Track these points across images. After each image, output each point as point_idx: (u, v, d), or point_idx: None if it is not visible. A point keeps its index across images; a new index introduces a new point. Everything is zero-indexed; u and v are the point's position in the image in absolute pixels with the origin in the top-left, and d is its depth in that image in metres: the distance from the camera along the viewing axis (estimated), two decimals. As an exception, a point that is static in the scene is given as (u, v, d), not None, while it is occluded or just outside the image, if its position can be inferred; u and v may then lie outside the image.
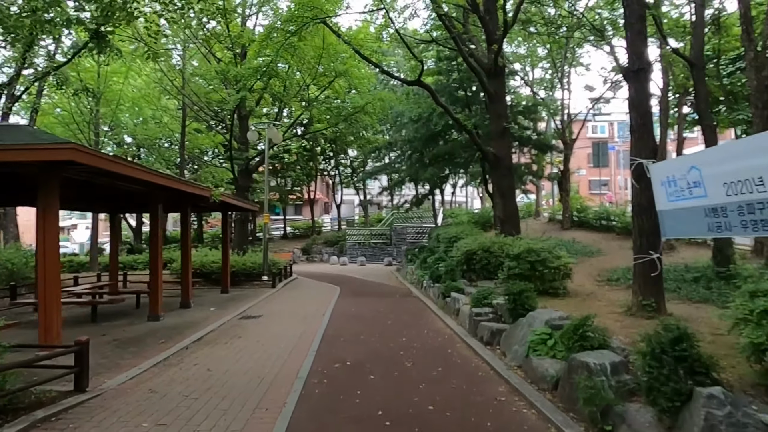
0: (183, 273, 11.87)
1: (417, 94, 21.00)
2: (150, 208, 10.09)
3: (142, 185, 9.13)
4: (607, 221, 20.47)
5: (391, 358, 6.83)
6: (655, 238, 7.09)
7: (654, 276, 7.00)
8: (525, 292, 7.13)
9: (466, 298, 9.70)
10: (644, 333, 3.95)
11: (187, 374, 6.03)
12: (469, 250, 12.18)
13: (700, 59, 10.02)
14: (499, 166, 13.46)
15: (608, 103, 28.87)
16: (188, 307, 11.68)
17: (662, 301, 7.07)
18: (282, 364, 6.51)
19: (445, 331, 8.81)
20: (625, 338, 5.72)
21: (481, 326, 7.70)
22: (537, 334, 5.90)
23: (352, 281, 19.03)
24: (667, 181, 6.52)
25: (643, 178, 7.07)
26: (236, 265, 17.29)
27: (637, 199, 7.19)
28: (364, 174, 32.03)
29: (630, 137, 7.41)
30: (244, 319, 10.47)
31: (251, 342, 8.02)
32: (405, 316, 10.43)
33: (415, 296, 13.87)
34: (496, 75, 13.41)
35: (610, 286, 10.69)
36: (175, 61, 22.74)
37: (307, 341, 7.98)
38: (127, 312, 11.25)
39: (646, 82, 7.23)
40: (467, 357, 6.89)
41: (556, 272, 9.43)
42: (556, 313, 6.52)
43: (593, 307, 8.00)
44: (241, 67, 17.57)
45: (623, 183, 43.46)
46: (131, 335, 8.53)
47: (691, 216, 6.10)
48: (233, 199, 13.31)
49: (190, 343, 7.96)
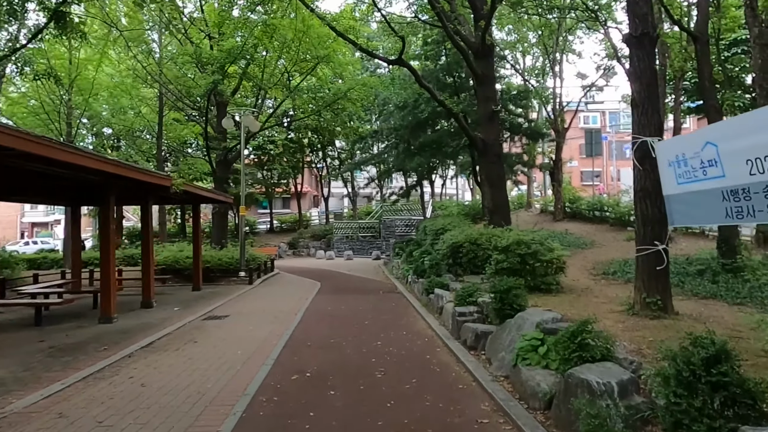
0: (143, 270, 10.88)
1: (403, 80, 20.04)
2: (101, 199, 9.08)
3: (92, 174, 8.14)
4: (600, 212, 19.82)
5: (360, 366, 5.93)
6: (660, 228, 6.24)
7: (659, 270, 6.15)
8: (513, 290, 6.25)
9: (451, 294, 8.84)
10: (666, 349, 3.06)
11: (114, 391, 5.09)
12: (455, 242, 11.32)
13: (704, 32, 9.17)
14: (488, 152, 12.57)
15: (601, 90, 28.23)
16: (150, 307, 10.71)
17: (669, 298, 6.22)
18: (232, 376, 5.59)
19: (426, 332, 7.93)
20: (631, 344, 4.86)
21: (464, 328, 6.83)
22: (527, 340, 5.03)
23: (336, 276, 18.13)
24: (677, 161, 5.65)
25: (647, 159, 6.20)
26: (211, 260, 16.32)
27: (641, 183, 6.32)
28: (350, 165, 31.01)
29: (631, 113, 6.53)
30: (209, 320, 9.53)
31: (207, 348, 7.09)
32: (385, 316, 9.55)
33: (399, 293, 12.99)
34: (484, 55, 12.49)
35: (607, 281, 9.88)
36: (153, 46, 21.59)
37: (270, 346, 7.07)
38: (82, 313, 10.27)
39: (650, 48, 6.34)
40: (447, 365, 6.01)
41: (548, 266, 8.58)
42: (549, 314, 5.65)
43: (590, 305, 7.15)
44: (215, 49, 16.51)
45: (615, 174, 42.84)
46: (72, 341, 7.57)
47: (706, 200, 5.24)
48: (199, 190, 12.28)
49: (136, 349, 7.02)
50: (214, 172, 20.59)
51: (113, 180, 8.77)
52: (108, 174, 8.13)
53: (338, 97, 19.58)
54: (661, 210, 6.18)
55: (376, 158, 27.14)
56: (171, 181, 10.03)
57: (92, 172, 7.83)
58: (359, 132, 26.14)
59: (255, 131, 18.97)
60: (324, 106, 20.63)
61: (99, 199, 9.04)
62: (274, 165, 34.43)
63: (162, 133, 24.75)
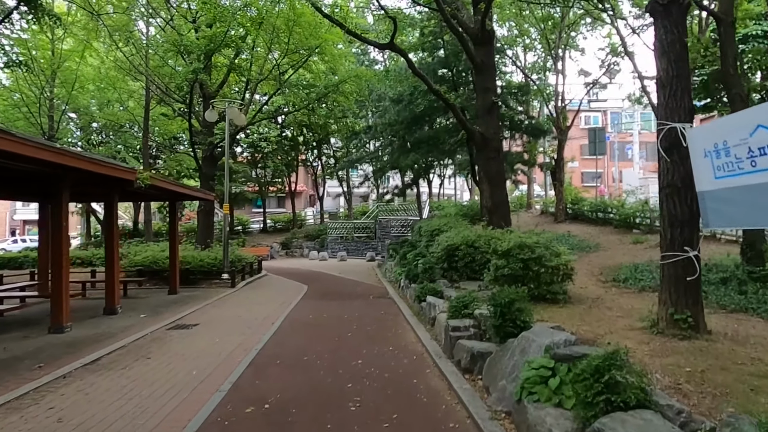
0: (107, 273, 9.87)
1: (398, 72, 19.06)
2: (53, 195, 8.07)
3: (34, 164, 7.14)
4: (603, 213, 18.90)
5: (332, 394, 4.95)
6: (691, 230, 5.27)
7: (690, 281, 5.18)
8: (516, 303, 5.27)
9: (444, 304, 7.86)
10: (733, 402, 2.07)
11: (21, 429, 4.10)
12: (450, 244, 10.34)
13: (729, 12, 8.18)
14: (487, 147, 11.59)
15: (605, 88, 27.29)
16: (114, 314, 9.70)
17: (700, 314, 5.25)
18: (174, 407, 4.60)
19: (415, 348, 6.95)
20: (665, 377, 3.89)
21: (459, 346, 5.84)
22: (534, 369, 4.06)
23: (325, 279, 17.15)
24: (715, 151, 4.68)
25: (675, 149, 5.23)
26: (192, 261, 15.32)
27: (668, 178, 5.35)
28: (344, 163, 30.03)
29: (657, 95, 5.56)
30: (175, 329, 8.53)
31: (158, 366, 6.10)
32: (371, 326, 8.56)
33: (390, 298, 12.02)
34: (483, 42, 11.53)
35: (619, 289, 8.90)
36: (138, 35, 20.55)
37: (232, 364, 6.08)
38: (38, 320, 9.23)
39: (679, 17, 5.37)
40: (437, 393, 5.04)
41: (554, 272, 7.60)
42: (560, 334, 4.66)
43: (604, 319, 6.18)
44: (200, 35, 15.51)
45: (617, 175, 41.91)
46: (7, 356, 6.57)
47: (753, 197, 4.27)
48: (170, 185, 11.24)
49: (77, 367, 6.03)
50: (200, 168, 19.55)
51: (65, 173, 7.78)
52: (56, 165, 7.13)
53: (329, 90, 18.55)
54: (693, 209, 5.22)
55: (371, 155, 26.16)
56: (135, 175, 9.02)
57: (32, 161, 6.84)
58: (352, 125, 25.12)
59: (241, 125, 17.93)
60: (315, 99, 19.61)
61: (50, 194, 8.03)
62: (267, 163, 33.44)
63: (148, 127, 23.76)
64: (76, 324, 8.56)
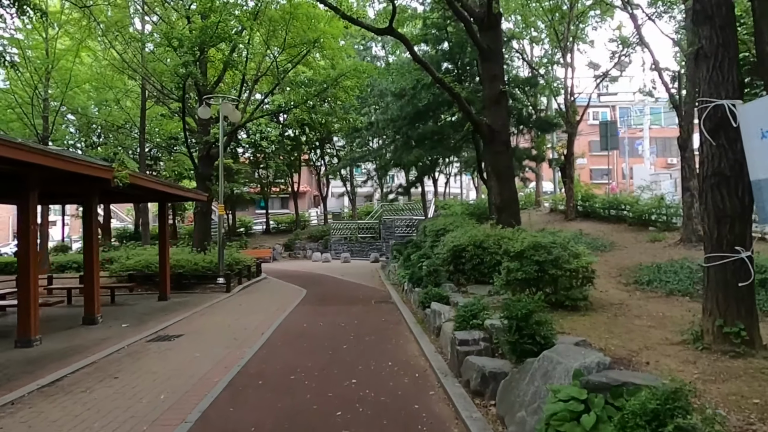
0: (86, 279, 9.16)
1: (400, 65, 18.28)
2: (19, 195, 7.35)
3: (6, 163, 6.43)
4: (617, 210, 18.02)
5: (317, 428, 4.17)
6: (743, 227, 4.44)
7: (742, 287, 4.36)
8: (534, 315, 4.46)
9: (451, 310, 7.05)
10: None
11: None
12: (457, 245, 9.54)
13: (765, -16, 7.32)
14: (494, 140, 10.78)
15: (615, 81, 26.33)
16: (93, 324, 8.97)
17: (755, 326, 4.42)
18: (126, 445, 3.84)
19: (418, 363, 6.15)
20: (731, 413, 3.07)
21: (467, 363, 5.04)
22: (562, 400, 3.25)
23: (326, 282, 16.39)
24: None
25: (723, 131, 4.41)
26: (186, 265, 14.63)
27: (713, 165, 4.52)
28: (346, 161, 29.28)
29: (698, 68, 4.73)
30: (155, 341, 7.79)
31: (124, 388, 5.34)
32: (369, 337, 7.77)
33: (393, 303, 11.23)
34: (489, 26, 10.73)
35: (643, 292, 8.07)
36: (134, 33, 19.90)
37: (207, 386, 5.31)
38: (10, 332, 8.53)
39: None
40: (442, 422, 4.24)
41: (573, 276, 6.80)
42: (590, 354, 3.84)
43: (635, 330, 5.36)
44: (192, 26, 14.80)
45: (628, 171, 40.86)
46: (-41, 376, 5.86)
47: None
48: (154, 184, 10.49)
49: (33, 390, 5.29)
50: (195, 168, 18.86)
51: (32, 171, 7.07)
52: (17, 162, 6.41)
53: (328, 85, 17.77)
54: (745, 202, 4.40)
55: (374, 153, 25.38)
56: (113, 173, 8.29)
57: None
58: (354, 121, 24.34)
59: (237, 122, 17.23)
60: (314, 95, 18.86)
61: (17, 194, 7.31)
62: (269, 163, 32.73)
63: (145, 127, 23.14)
64: (48, 336, 7.85)
